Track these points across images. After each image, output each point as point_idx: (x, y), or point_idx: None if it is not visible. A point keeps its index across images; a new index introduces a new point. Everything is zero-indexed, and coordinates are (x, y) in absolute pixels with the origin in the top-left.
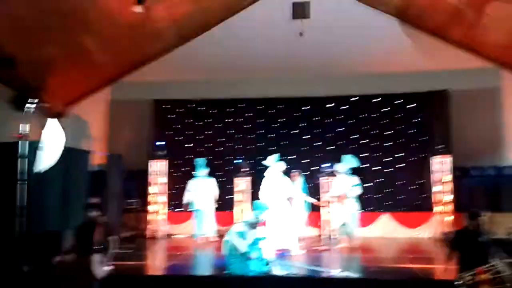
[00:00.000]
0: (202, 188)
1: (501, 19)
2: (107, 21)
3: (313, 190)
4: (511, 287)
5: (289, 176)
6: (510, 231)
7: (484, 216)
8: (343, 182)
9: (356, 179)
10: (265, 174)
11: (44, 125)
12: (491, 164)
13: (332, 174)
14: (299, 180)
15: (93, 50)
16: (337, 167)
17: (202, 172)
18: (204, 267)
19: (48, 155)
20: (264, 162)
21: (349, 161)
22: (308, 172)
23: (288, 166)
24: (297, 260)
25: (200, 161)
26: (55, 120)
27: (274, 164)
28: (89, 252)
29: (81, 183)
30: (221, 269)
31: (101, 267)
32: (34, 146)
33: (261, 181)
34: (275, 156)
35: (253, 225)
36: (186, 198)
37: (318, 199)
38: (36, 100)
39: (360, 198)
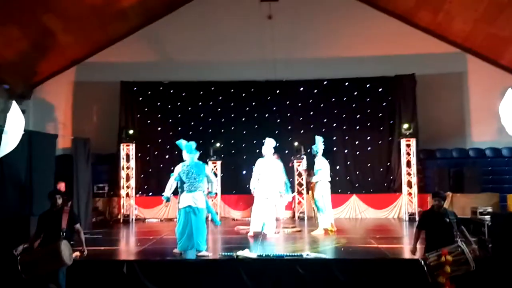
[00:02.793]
0: None
1: (464, 6)
2: (71, 0)
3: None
4: (473, 268)
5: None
6: (474, 211)
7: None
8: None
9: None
10: (263, 156)
11: (7, 108)
12: (456, 147)
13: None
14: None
15: (56, 30)
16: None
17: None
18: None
19: (10, 139)
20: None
21: (270, 144)
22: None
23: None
24: (271, 242)
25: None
26: (15, 102)
27: (268, 147)
28: (55, 239)
29: (47, 168)
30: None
31: (68, 254)
32: None
33: (231, 164)
34: (270, 140)
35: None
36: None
37: (292, 182)
38: None
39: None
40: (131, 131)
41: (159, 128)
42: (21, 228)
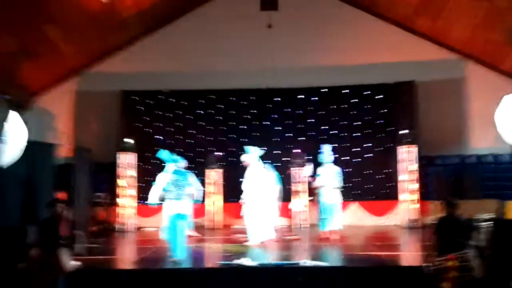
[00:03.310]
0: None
1: (463, 12)
2: (71, 10)
3: (285, 180)
4: (478, 275)
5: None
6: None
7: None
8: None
9: None
10: (249, 165)
11: (6, 118)
12: (456, 153)
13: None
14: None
15: (57, 40)
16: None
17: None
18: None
19: (11, 149)
20: (245, 154)
21: (255, 152)
22: (280, 163)
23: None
24: (269, 249)
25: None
26: (17, 112)
27: (255, 155)
28: (55, 247)
29: (47, 177)
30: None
31: (68, 262)
32: None
33: (232, 172)
34: (255, 148)
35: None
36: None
37: (290, 189)
38: None
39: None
40: (131, 140)
41: (160, 137)
42: (19, 237)
